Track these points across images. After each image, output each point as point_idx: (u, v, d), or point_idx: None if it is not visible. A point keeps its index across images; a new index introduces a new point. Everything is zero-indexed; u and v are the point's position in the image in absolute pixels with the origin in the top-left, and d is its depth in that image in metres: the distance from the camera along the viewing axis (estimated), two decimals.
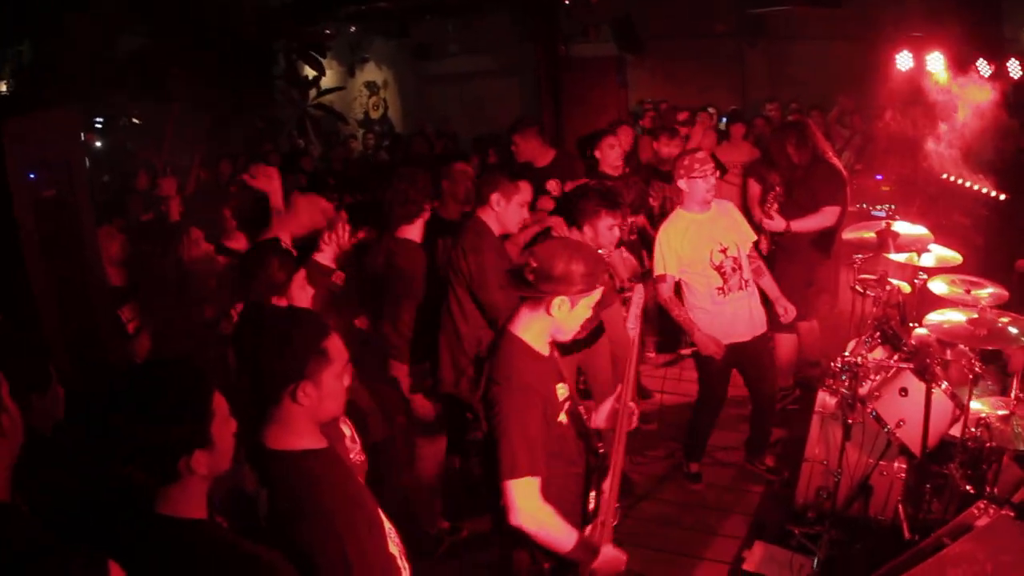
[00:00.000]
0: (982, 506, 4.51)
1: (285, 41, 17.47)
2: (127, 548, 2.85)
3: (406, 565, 4.00)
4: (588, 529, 4.57)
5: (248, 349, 3.68)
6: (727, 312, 7.69)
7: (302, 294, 5.45)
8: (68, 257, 6.21)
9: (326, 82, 19.75)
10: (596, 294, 4.45)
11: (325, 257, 6.50)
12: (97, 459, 2.97)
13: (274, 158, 14.93)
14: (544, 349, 4.54)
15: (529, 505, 4.22)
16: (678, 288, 7.79)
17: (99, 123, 16.79)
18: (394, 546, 3.91)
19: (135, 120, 16.56)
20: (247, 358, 3.71)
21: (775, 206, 8.86)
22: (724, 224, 7.75)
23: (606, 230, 6.80)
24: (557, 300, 4.32)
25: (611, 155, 9.70)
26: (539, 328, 4.46)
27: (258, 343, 3.57)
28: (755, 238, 8.04)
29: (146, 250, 7.80)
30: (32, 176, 5.92)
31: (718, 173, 7.81)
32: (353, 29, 20.11)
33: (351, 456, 4.62)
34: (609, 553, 4.51)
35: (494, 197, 6.89)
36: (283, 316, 4.39)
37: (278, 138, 17.75)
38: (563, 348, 4.95)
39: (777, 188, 9.18)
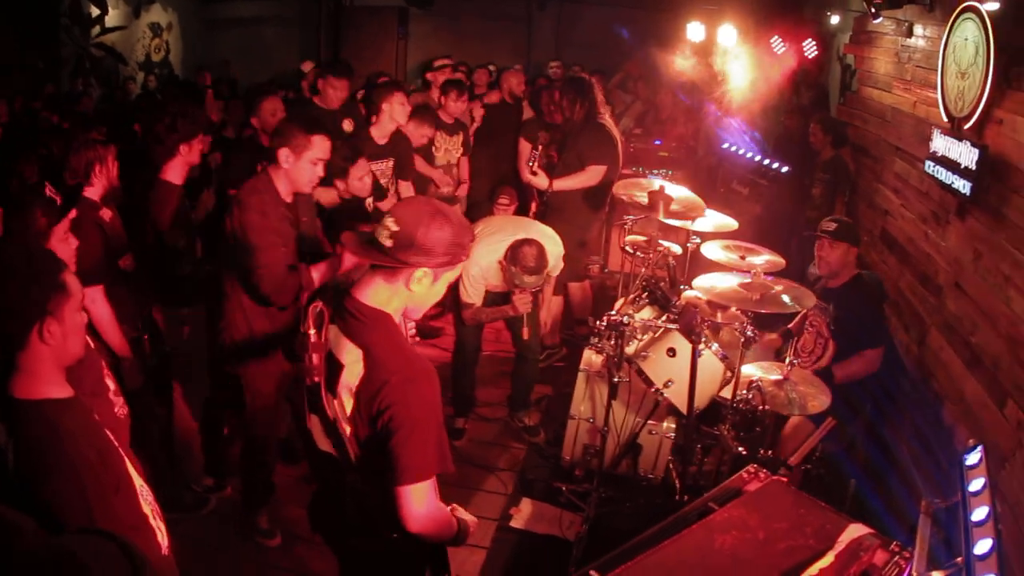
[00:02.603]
0: (752, 470, 4.49)
1: None
2: None
3: (161, 526, 3.83)
4: None
5: None
6: None
7: (64, 246, 5.11)
8: None
9: (110, 21, 19.21)
10: (458, 269, 4.06)
11: (94, 192, 6.27)
12: None
13: (35, 104, 14.41)
14: None
15: (431, 505, 3.81)
16: None
17: None
18: (147, 505, 3.74)
19: None
20: None
21: (538, 163, 8.88)
22: None
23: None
24: (419, 273, 3.74)
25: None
26: (398, 304, 3.86)
27: None
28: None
29: None
30: None
31: None
32: None
33: (115, 410, 4.41)
34: (468, 517, 4.22)
35: (282, 153, 6.14)
36: (19, 253, 4.13)
37: (59, 78, 17.19)
38: None
39: (541, 146, 9.20)
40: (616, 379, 6.61)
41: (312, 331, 3.91)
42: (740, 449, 6.22)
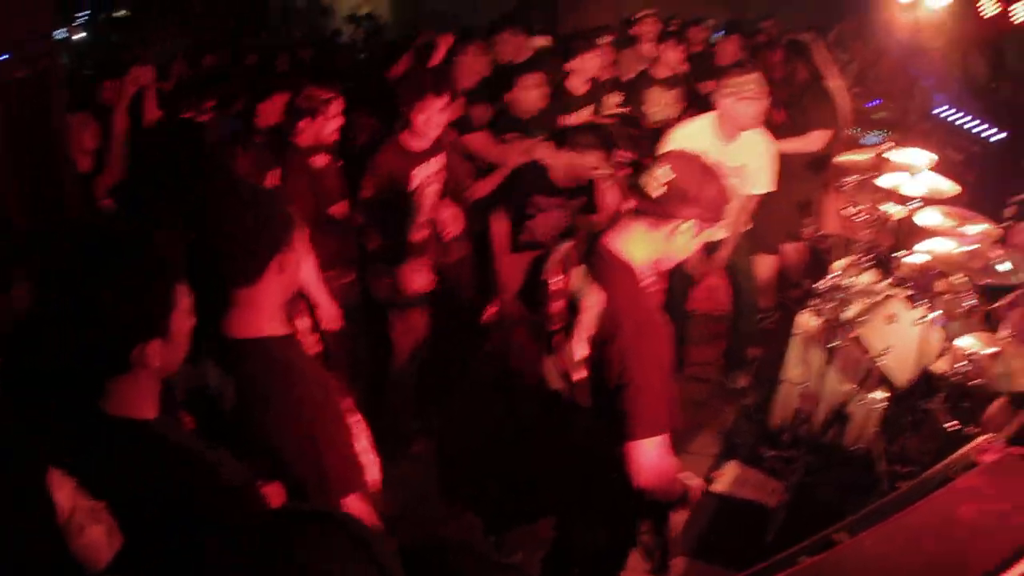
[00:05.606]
0: (986, 441, 4.39)
1: None
2: (74, 451, 2.66)
3: (374, 459, 3.86)
4: None
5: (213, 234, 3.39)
6: None
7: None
8: (36, 141, 6.00)
9: None
10: (716, 228, 4.12)
11: (305, 140, 6.33)
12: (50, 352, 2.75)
13: (252, 57, 14.62)
14: None
15: (661, 461, 3.82)
16: None
17: (82, 17, 16.62)
18: (363, 440, 3.76)
19: (118, 13, 16.38)
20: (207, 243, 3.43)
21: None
22: (738, 164, 7.41)
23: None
24: (685, 225, 3.80)
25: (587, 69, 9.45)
26: (650, 252, 3.92)
27: (234, 220, 3.30)
28: (767, 188, 7.75)
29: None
30: (2, 58, 5.71)
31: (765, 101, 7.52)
32: None
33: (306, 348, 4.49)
34: (694, 482, 4.20)
35: None
36: (251, 189, 4.12)
37: (265, 30, 17.50)
38: None
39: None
40: (832, 344, 6.45)
41: (556, 278, 3.93)
42: (950, 424, 6.04)
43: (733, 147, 7.38)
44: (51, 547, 2.43)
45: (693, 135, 7.37)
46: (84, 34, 17.04)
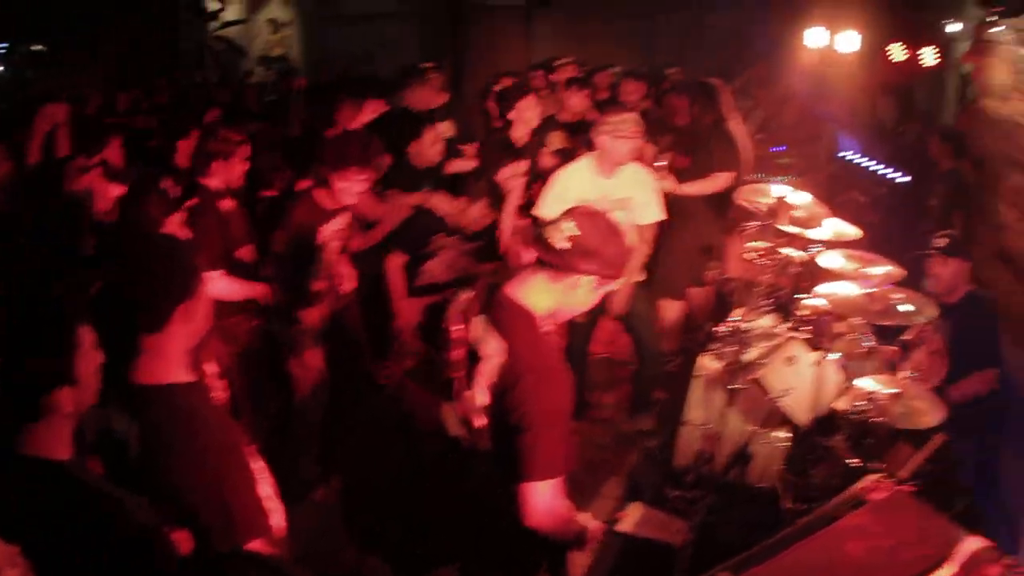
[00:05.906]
0: (876, 480, 4.47)
1: None
2: None
3: (278, 506, 3.87)
4: None
5: (121, 280, 3.44)
6: None
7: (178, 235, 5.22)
8: None
9: (229, 15, 19.45)
10: (616, 284, 4.16)
11: (214, 183, 6.34)
12: None
13: (160, 98, 14.53)
14: None
15: (554, 503, 3.88)
16: None
17: (1, 49, 16.50)
18: (266, 486, 3.78)
19: (35, 48, 16.27)
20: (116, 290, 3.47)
21: (665, 166, 8.81)
22: (621, 196, 7.61)
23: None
24: (587, 279, 3.85)
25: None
26: (551, 303, 3.95)
27: (142, 268, 3.39)
28: (656, 217, 7.95)
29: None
30: None
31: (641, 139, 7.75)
32: None
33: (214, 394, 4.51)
34: (591, 523, 4.36)
35: None
36: (158, 240, 4.17)
37: (178, 69, 17.44)
38: None
39: (669, 150, 9.16)
40: (733, 386, 6.54)
41: (457, 327, 3.99)
42: (852, 461, 6.14)
43: (614, 181, 7.61)
44: None
45: (575, 172, 7.67)
46: (1, 68, 16.95)
